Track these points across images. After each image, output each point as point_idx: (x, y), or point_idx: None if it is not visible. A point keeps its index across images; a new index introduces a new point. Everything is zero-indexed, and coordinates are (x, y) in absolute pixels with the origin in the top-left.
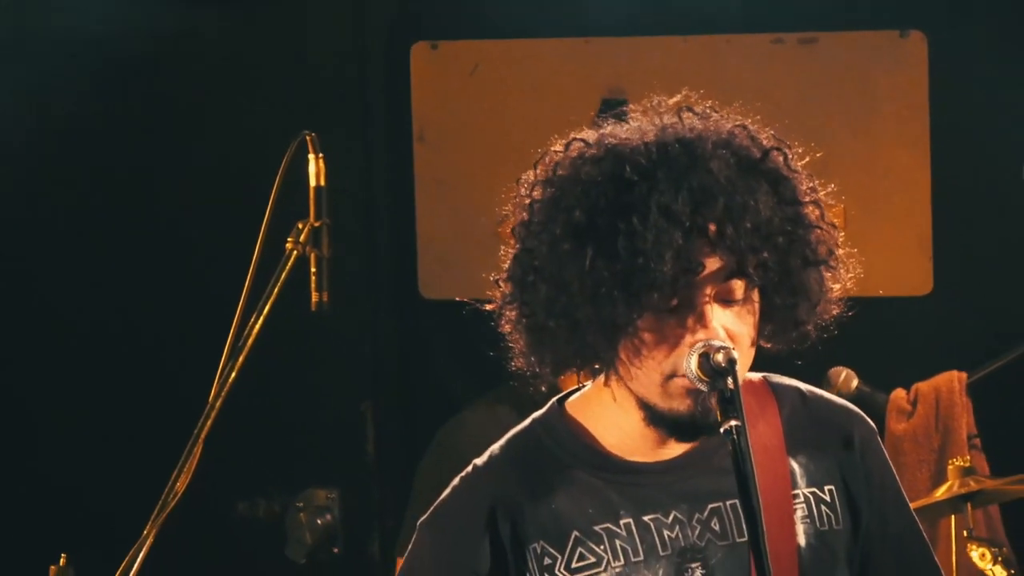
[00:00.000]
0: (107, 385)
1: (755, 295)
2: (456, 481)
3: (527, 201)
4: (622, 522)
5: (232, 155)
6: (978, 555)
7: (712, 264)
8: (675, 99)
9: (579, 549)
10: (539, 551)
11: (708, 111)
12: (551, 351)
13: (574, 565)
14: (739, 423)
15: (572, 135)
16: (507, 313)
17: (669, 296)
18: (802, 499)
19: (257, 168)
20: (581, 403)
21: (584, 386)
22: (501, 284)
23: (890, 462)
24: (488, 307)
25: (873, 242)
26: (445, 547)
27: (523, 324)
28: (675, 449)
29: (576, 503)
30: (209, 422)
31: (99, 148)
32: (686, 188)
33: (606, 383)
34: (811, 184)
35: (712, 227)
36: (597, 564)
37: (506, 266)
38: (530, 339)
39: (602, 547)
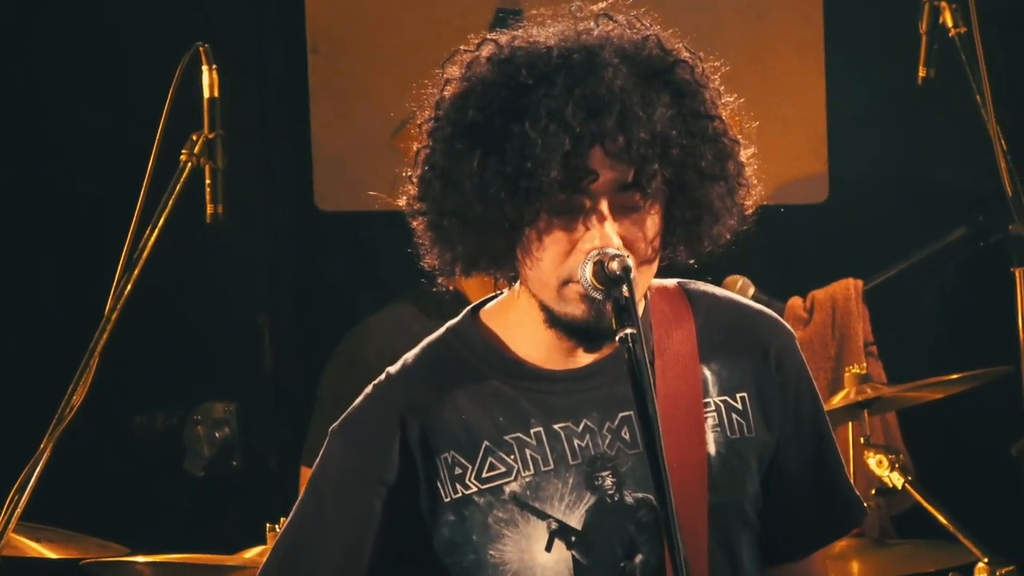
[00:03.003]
0: (0, 299)
1: (655, 207)
2: (369, 389)
3: (435, 98)
4: (532, 431)
5: (124, 67)
6: (875, 462)
7: (608, 173)
8: (600, 5)
9: (489, 459)
10: (450, 461)
11: (632, 19)
12: (451, 250)
13: (484, 475)
14: (634, 331)
15: (486, 35)
16: (415, 209)
17: (562, 201)
18: (713, 407)
19: (150, 80)
20: (495, 311)
21: (500, 294)
22: (410, 177)
23: (807, 367)
24: (400, 202)
25: (769, 149)
26: (354, 456)
27: (424, 222)
28: (587, 357)
29: (487, 412)
30: (105, 335)
31: None
32: (580, 95)
33: (518, 292)
34: (719, 98)
35: (606, 136)
36: (507, 474)
37: (412, 154)
38: (431, 237)
39: (512, 457)
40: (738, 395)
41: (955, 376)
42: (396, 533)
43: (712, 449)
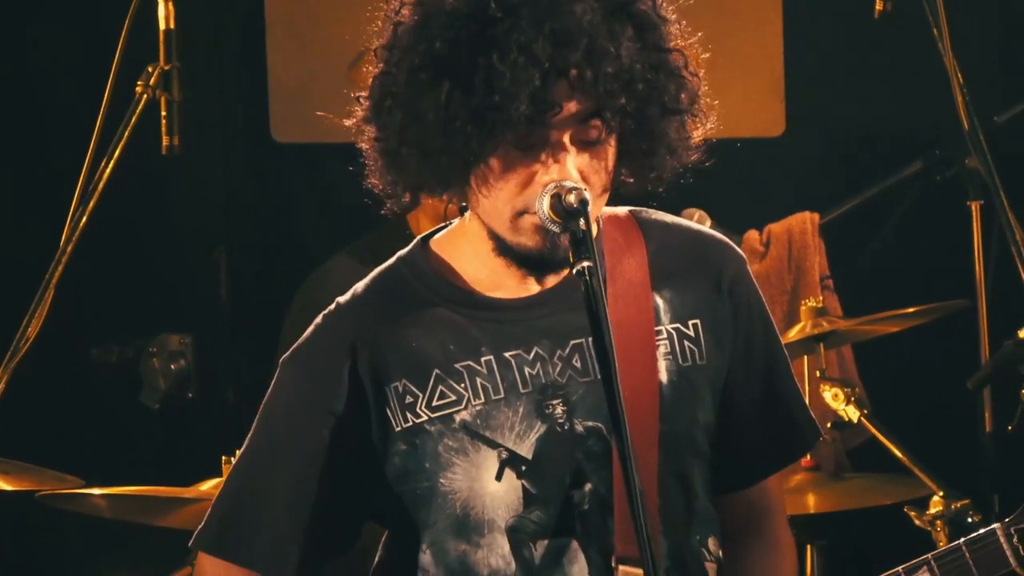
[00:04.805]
0: None
1: (611, 139)
2: (319, 319)
3: (392, 21)
4: (483, 359)
5: None
6: (831, 395)
7: (570, 106)
8: None
9: (440, 387)
10: (400, 390)
11: None
12: (403, 175)
13: (435, 403)
14: (591, 264)
15: None
16: (365, 131)
17: (523, 135)
18: (665, 335)
19: (106, 11)
20: (445, 240)
21: (450, 223)
22: (361, 101)
23: (760, 292)
24: (347, 123)
25: (725, 83)
26: (303, 386)
27: (377, 146)
28: (538, 285)
29: (438, 340)
30: (60, 267)
31: None
32: (548, 29)
33: (469, 220)
34: (677, 31)
35: (573, 70)
36: (457, 402)
37: (369, 84)
38: (383, 161)
39: (463, 385)
40: (690, 322)
41: (911, 310)
42: (347, 463)
43: (664, 377)
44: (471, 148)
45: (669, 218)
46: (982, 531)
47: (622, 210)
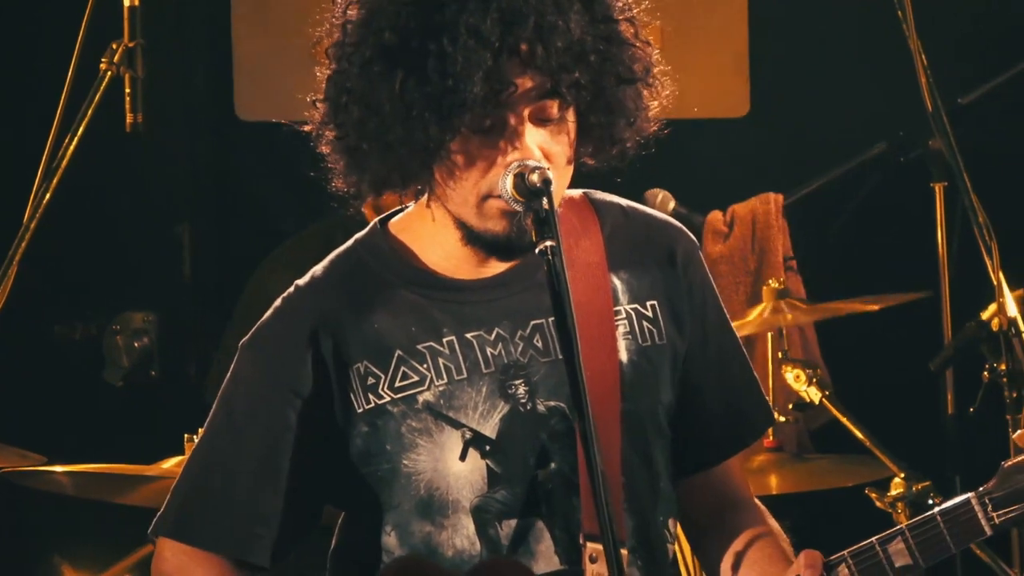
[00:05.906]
0: None
1: (570, 114)
2: (278, 302)
3: (340, 21)
4: (445, 340)
5: None
6: (792, 376)
7: (525, 84)
8: None
9: (402, 368)
10: (363, 371)
11: None
12: (367, 172)
13: (397, 384)
14: (554, 243)
15: None
16: (324, 134)
17: (481, 117)
18: (624, 315)
19: None
20: (403, 223)
21: (407, 207)
22: (318, 105)
23: (711, 278)
24: (306, 128)
25: (689, 63)
26: (265, 368)
27: (338, 146)
28: (498, 266)
29: (399, 322)
30: (24, 244)
31: None
32: (495, 9)
33: (428, 203)
34: (626, 1)
35: (523, 47)
36: (420, 383)
37: (323, 86)
38: (346, 160)
39: (425, 365)
40: (648, 303)
41: (874, 306)
42: (309, 445)
43: (624, 356)
44: (431, 136)
45: (622, 200)
46: (956, 500)
47: (576, 192)
